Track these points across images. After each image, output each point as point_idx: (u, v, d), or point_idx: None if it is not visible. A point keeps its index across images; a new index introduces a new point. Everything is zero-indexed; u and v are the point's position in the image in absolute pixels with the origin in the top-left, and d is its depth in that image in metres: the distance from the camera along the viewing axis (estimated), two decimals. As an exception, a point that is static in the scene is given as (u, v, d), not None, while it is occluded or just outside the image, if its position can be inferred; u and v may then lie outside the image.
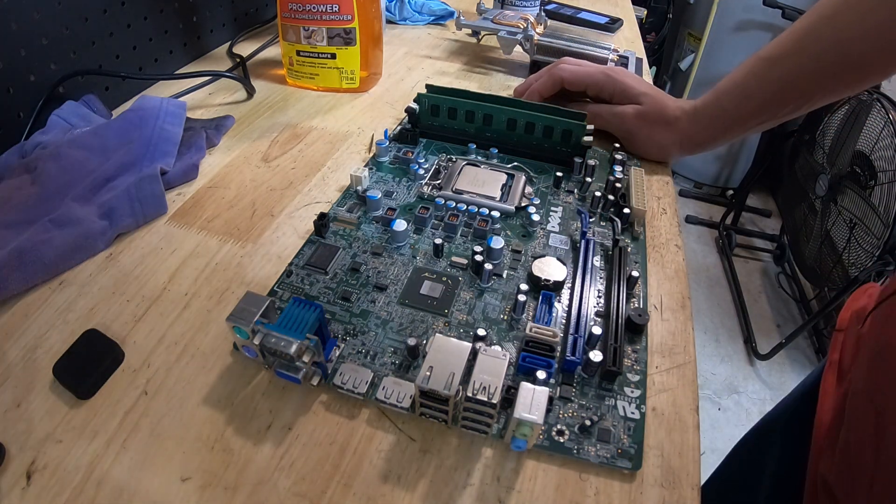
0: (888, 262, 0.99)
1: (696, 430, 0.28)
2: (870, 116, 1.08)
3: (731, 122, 0.43)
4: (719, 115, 0.43)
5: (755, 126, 0.42)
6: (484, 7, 0.67)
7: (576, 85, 0.49)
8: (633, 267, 0.36)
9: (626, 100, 0.47)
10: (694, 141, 0.45)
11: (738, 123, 0.43)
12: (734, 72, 0.42)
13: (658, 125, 0.45)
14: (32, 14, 0.43)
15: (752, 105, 0.41)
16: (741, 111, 0.42)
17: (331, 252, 0.35)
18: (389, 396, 0.27)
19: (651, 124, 0.45)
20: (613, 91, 0.47)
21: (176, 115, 0.44)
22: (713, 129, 0.44)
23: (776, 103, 0.40)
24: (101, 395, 0.28)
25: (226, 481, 0.25)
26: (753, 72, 0.41)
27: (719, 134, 0.44)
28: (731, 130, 0.43)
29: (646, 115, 0.45)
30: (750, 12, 1.58)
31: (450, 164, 0.44)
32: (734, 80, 0.42)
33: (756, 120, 0.42)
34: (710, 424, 1.26)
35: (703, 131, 0.44)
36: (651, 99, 0.46)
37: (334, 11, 0.52)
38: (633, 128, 0.46)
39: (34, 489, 0.24)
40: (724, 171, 1.93)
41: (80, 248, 0.35)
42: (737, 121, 0.42)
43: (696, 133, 0.45)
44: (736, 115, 0.42)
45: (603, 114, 0.48)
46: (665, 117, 0.45)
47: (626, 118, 0.46)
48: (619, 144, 0.47)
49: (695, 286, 1.61)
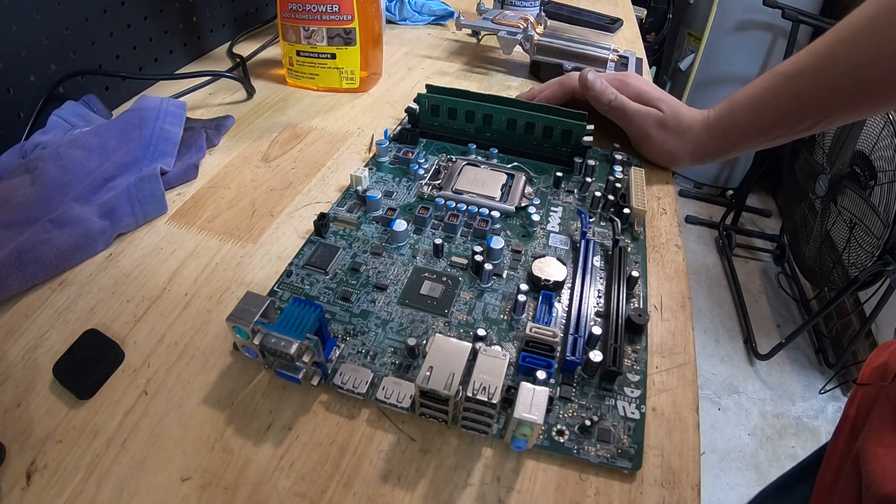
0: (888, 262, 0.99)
1: (696, 430, 0.28)
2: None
3: (744, 136, 0.42)
4: (733, 127, 0.43)
5: (768, 141, 0.42)
6: (484, 7, 0.67)
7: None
8: (633, 267, 0.36)
9: (643, 104, 0.46)
10: (705, 151, 0.45)
11: (751, 137, 0.42)
12: (751, 85, 0.42)
13: (673, 133, 0.45)
14: (32, 14, 0.43)
15: (768, 120, 0.41)
16: (756, 125, 0.41)
17: (331, 252, 0.35)
18: (389, 396, 0.27)
19: (667, 131, 0.45)
20: (628, 96, 0.46)
21: (176, 115, 0.44)
22: (726, 140, 0.43)
23: (791, 119, 0.40)
24: (101, 395, 0.28)
25: (226, 481, 0.25)
26: (771, 86, 0.40)
27: (731, 146, 0.43)
28: (744, 143, 0.43)
29: (665, 122, 0.45)
30: (750, 12, 1.58)
31: (450, 164, 0.44)
32: (750, 94, 0.41)
33: (770, 135, 0.41)
34: (710, 424, 1.26)
35: (715, 142, 0.44)
36: (669, 106, 0.45)
37: (334, 11, 0.52)
38: (652, 131, 0.45)
39: (34, 489, 0.24)
40: (724, 171, 1.93)
41: (80, 248, 0.35)
42: (751, 134, 0.42)
43: (708, 144, 0.44)
44: (750, 128, 0.42)
45: (629, 109, 0.46)
46: (680, 125, 0.45)
47: (649, 120, 0.45)
48: (618, 144, 0.47)
49: (695, 286, 1.61)
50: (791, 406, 1.32)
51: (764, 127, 0.41)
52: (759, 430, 1.26)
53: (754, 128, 0.42)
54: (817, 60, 0.38)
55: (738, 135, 0.43)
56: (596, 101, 0.47)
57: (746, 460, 1.20)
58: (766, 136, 0.41)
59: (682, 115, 0.45)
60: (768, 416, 1.29)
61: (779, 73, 0.40)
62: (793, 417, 1.29)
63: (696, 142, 0.44)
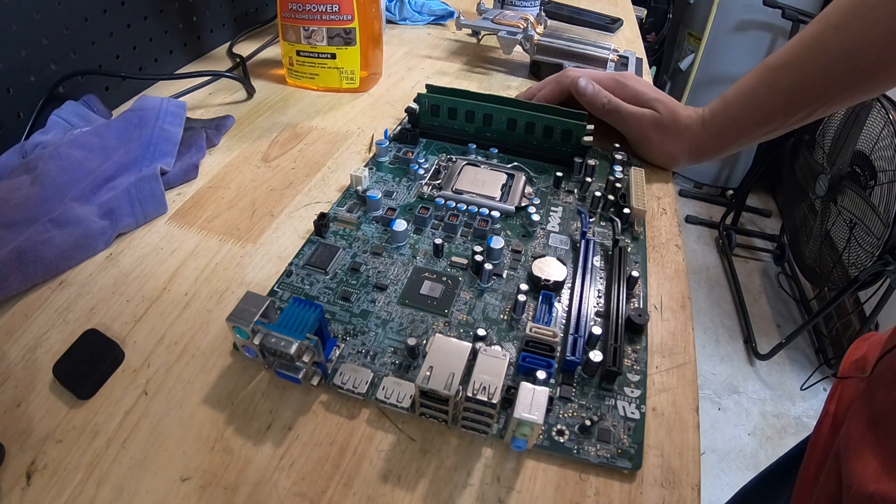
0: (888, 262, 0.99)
1: (696, 429, 0.28)
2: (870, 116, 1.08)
3: (740, 132, 0.42)
4: (728, 124, 0.42)
5: (764, 135, 0.42)
6: (484, 7, 0.67)
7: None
8: (633, 267, 0.36)
9: (639, 105, 0.46)
10: (703, 149, 0.45)
11: (746, 132, 0.42)
12: (742, 80, 0.42)
13: (670, 133, 0.45)
14: (32, 14, 0.43)
15: (761, 114, 0.41)
16: (750, 120, 0.41)
17: (331, 252, 0.35)
18: (389, 396, 0.27)
19: (664, 132, 0.45)
20: (625, 97, 0.46)
21: (176, 115, 0.44)
22: (722, 138, 0.43)
23: (785, 112, 0.39)
24: (101, 395, 0.28)
25: (226, 481, 0.25)
26: (762, 81, 0.40)
27: (728, 143, 0.43)
28: (740, 139, 0.43)
29: (661, 122, 0.45)
30: (750, 12, 1.58)
31: (450, 164, 0.44)
32: (742, 89, 0.41)
33: (765, 129, 0.41)
34: (710, 424, 1.26)
35: (711, 140, 0.44)
36: (665, 106, 0.45)
37: (334, 11, 0.52)
38: (649, 133, 0.45)
39: (34, 489, 0.24)
40: (724, 171, 1.93)
41: (80, 248, 0.35)
42: (746, 130, 0.42)
43: (704, 142, 0.44)
44: (745, 124, 0.42)
45: (623, 112, 0.46)
46: (677, 126, 0.44)
47: (645, 122, 0.45)
48: (619, 144, 0.47)
49: (695, 286, 1.61)
50: (791, 406, 1.32)
51: (759, 121, 0.41)
52: (759, 430, 1.26)
53: (750, 123, 0.41)
54: (808, 49, 0.37)
55: (734, 131, 0.42)
56: (590, 105, 0.47)
57: (746, 460, 1.20)
58: (762, 129, 0.41)
59: (679, 115, 0.45)
60: (768, 416, 1.29)
61: (769, 66, 0.40)
62: (793, 417, 1.29)
63: (693, 141, 0.44)
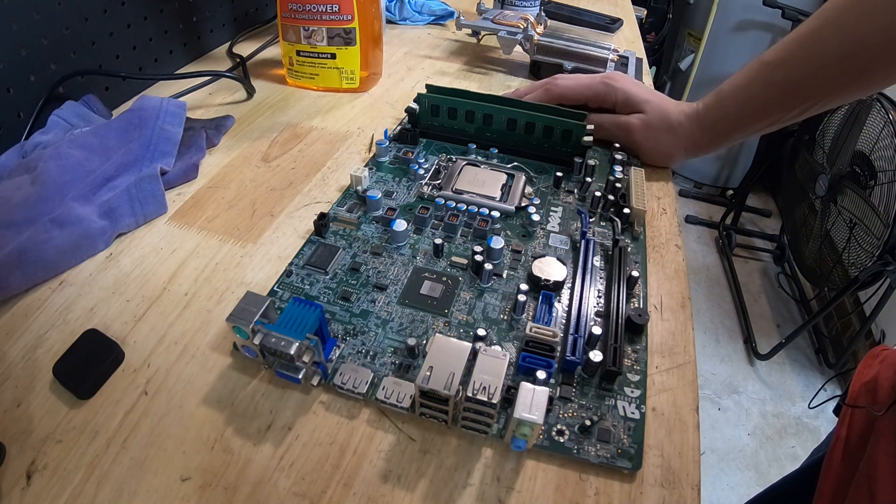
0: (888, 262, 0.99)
1: (696, 430, 0.28)
2: (870, 116, 1.08)
3: (734, 126, 0.42)
4: (722, 118, 0.42)
5: (759, 130, 0.42)
6: (484, 7, 0.67)
7: (575, 99, 0.48)
8: (633, 267, 0.36)
9: (629, 108, 0.46)
10: (698, 145, 0.44)
11: (741, 127, 0.42)
12: (737, 75, 0.42)
13: (662, 132, 0.45)
14: (32, 14, 0.43)
15: (755, 109, 0.41)
16: (744, 115, 0.41)
17: (331, 252, 0.35)
18: (389, 396, 0.27)
19: (656, 132, 0.45)
20: (616, 100, 0.46)
21: (176, 115, 0.44)
22: (716, 132, 0.43)
23: (780, 108, 0.39)
24: (101, 395, 0.28)
25: (226, 481, 0.25)
26: (757, 76, 0.40)
27: (722, 137, 0.43)
28: (735, 134, 0.43)
29: (650, 123, 0.45)
30: (750, 12, 1.58)
31: (450, 164, 0.44)
32: (737, 84, 0.41)
33: (760, 124, 0.41)
34: (710, 424, 1.26)
35: (705, 135, 0.44)
36: (653, 106, 0.45)
37: (334, 11, 0.52)
38: (639, 139, 0.45)
39: (34, 489, 0.24)
40: (724, 171, 1.93)
41: (80, 248, 0.35)
42: (740, 125, 0.42)
43: (699, 137, 0.44)
44: (739, 119, 0.42)
45: (606, 125, 0.46)
46: (669, 123, 0.44)
47: (632, 129, 0.45)
48: (619, 145, 0.47)
49: (695, 286, 1.61)
50: (791, 406, 1.32)
51: (753, 116, 0.41)
52: (759, 430, 1.26)
53: (744, 118, 0.41)
54: (803, 45, 0.37)
55: (729, 126, 0.42)
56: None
57: (746, 460, 1.20)
58: (757, 124, 0.41)
59: (669, 112, 0.45)
60: (768, 416, 1.29)
61: (765, 62, 0.40)
62: (793, 417, 1.29)
63: (687, 136, 0.44)
